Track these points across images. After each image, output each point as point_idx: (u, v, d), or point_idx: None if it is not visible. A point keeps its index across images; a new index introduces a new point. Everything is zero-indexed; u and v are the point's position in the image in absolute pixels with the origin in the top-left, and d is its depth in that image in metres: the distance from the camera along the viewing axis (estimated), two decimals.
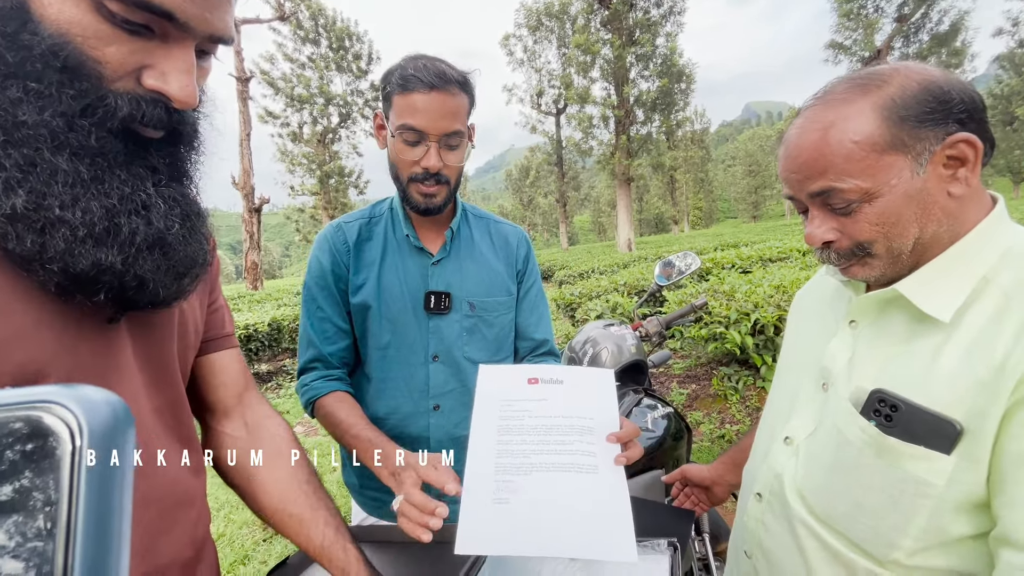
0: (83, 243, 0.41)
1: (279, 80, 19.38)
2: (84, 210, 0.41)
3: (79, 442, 0.16)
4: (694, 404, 3.66)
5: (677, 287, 4.85)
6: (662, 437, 1.42)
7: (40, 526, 0.16)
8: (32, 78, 0.39)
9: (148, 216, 0.45)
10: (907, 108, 0.56)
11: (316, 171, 20.06)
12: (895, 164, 0.57)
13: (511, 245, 1.13)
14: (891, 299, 0.64)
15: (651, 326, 1.68)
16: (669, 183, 50.38)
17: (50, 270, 0.41)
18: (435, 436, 1.05)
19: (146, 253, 0.45)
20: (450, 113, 0.90)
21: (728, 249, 9.23)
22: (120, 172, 0.43)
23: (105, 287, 0.44)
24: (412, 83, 0.87)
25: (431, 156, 0.91)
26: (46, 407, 0.17)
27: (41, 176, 0.39)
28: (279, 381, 5.53)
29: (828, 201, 0.61)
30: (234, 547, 2.48)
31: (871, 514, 0.61)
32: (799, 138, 0.62)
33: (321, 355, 1.02)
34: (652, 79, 19.57)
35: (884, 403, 0.60)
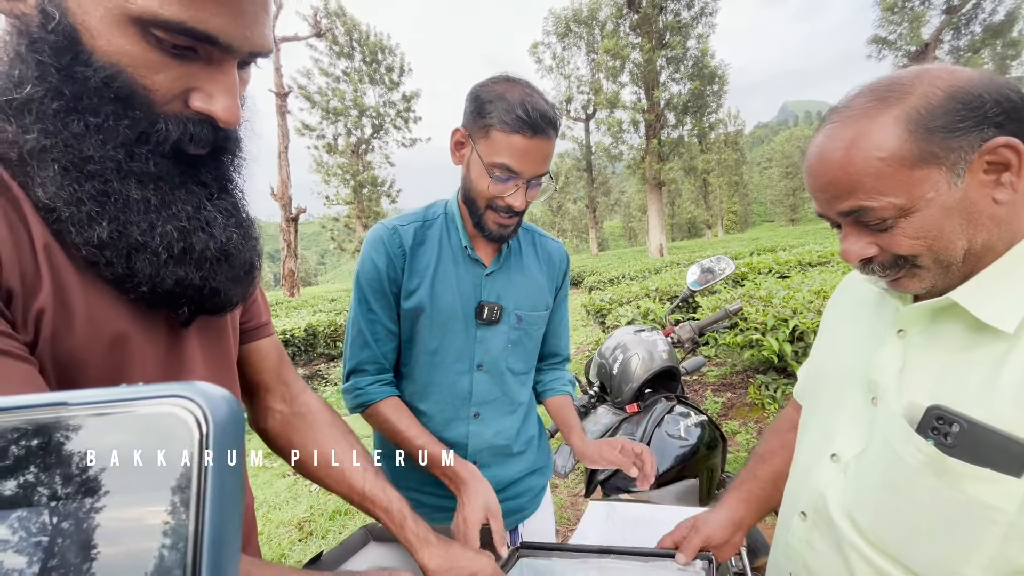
0: (166, 264, 0.45)
1: (315, 94, 20.10)
2: (162, 234, 0.45)
3: (205, 432, 0.18)
4: (729, 413, 3.55)
5: (711, 292, 4.73)
6: (695, 446, 1.39)
7: (173, 511, 0.18)
8: (90, 112, 0.41)
9: (212, 231, 0.48)
10: (934, 119, 0.52)
11: (350, 181, 20.64)
12: (928, 177, 0.53)
13: (555, 262, 1.15)
14: (944, 308, 0.59)
15: (683, 332, 1.64)
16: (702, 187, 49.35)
17: (141, 291, 0.46)
18: (473, 444, 1.06)
19: (216, 266, 0.49)
20: (545, 158, 0.91)
21: (764, 254, 8.95)
22: (180, 193, 0.47)
23: (187, 300, 0.48)
24: (518, 126, 0.86)
25: (519, 196, 0.92)
26: (175, 400, 0.19)
27: (117, 206, 0.43)
28: (314, 385, 5.67)
29: (861, 219, 0.58)
30: (271, 545, 2.55)
31: (929, 539, 0.57)
32: (822, 156, 0.58)
33: (375, 357, 1.02)
34: (683, 82, 19.28)
35: (943, 421, 0.55)
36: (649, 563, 0.84)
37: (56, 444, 0.18)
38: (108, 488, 0.18)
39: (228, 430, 0.19)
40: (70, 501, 0.18)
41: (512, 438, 1.09)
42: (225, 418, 0.19)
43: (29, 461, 0.18)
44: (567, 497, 2.79)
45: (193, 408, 0.19)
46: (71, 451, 0.18)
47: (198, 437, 0.18)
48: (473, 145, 0.93)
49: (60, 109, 0.41)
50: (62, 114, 0.41)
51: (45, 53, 0.40)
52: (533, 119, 0.86)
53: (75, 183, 0.42)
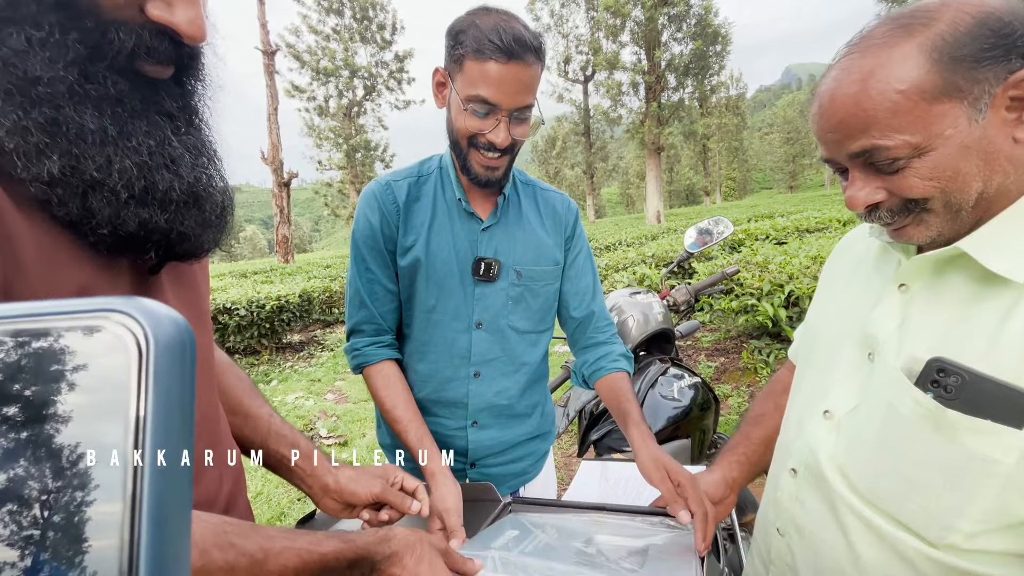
0: (127, 205, 0.41)
1: (304, 53, 19.35)
2: (120, 171, 0.40)
3: (145, 354, 0.16)
4: (722, 377, 3.60)
5: (707, 259, 4.71)
6: (688, 407, 1.39)
7: (103, 435, 0.15)
8: (30, 23, 0.36)
9: (178, 170, 0.44)
10: (960, 46, 0.49)
11: (343, 145, 20.15)
12: (949, 112, 0.50)
13: (559, 214, 1.09)
14: (951, 259, 0.57)
15: (679, 295, 1.63)
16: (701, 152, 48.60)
17: (101, 234, 0.41)
18: (474, 403, 1.04)
19: (184, 208, 0.45)
20: (526, 86, 0.85)
21: (762, 220, 8.89)
22: (141, 123, 0.42)
23: (154, 245, 0.44)
24: (489, 50, 0.81)
25: (500, 131, 0.86)
26: (109, 315, 0.16)
27: (69, 136, 0.38)
28: (310, 351, 5.70)
29: (871, 160, 0.54)
30: (271, 504, 2.61)
31: (924, 493, 0.56)
32: (834, 92, 0.54)
33: (373, 316, 1.01)
34: (685, 41, 18.67)
35: (944, 373, 0.53)
36: (641, 520, 0.84)
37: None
38: (23, 417, 0.16)
39: (174, 353, 0.16)
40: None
41: (514, 398, 1.06)
42: (171, 339, 0.16)
43: None
44: (561, 458, 2.85)
45: (132, 326, 0.16)
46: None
47: (137, 359, 0.16)
48: (451, 82, 0.87)
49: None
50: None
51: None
52: (506, 43, 0.80)
53: (20, 110, 0.37)
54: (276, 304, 5.36)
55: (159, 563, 0.15)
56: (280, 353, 5.60)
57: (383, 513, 0.77)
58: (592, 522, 0.84)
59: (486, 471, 1.07)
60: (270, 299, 5.33)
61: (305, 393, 4.28)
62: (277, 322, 5.43)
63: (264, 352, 5.48)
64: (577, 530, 0.81)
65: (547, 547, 0.76)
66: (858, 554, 0.62)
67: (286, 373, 4.95)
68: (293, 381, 4.67)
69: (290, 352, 5.67)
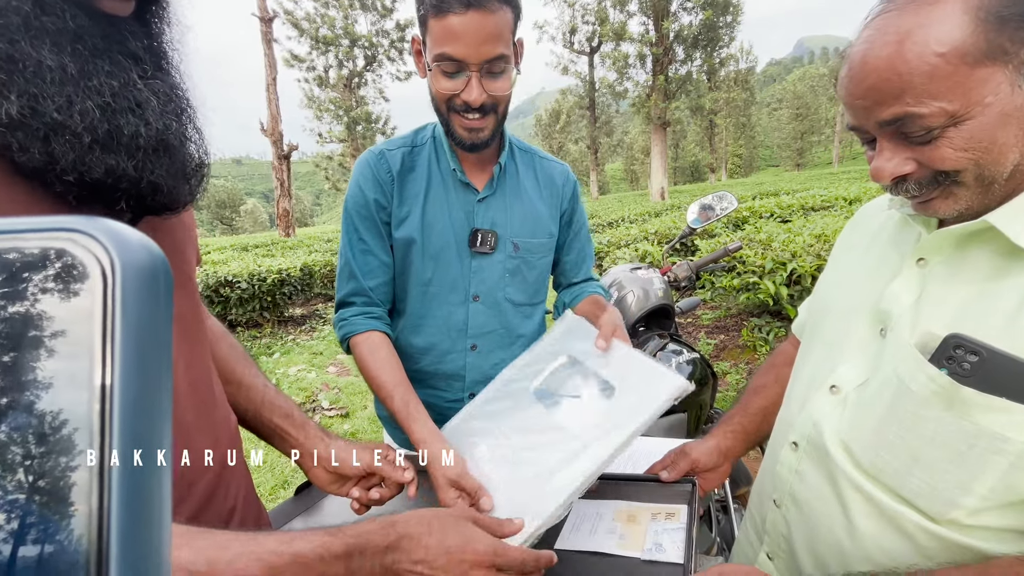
0: (91, 150, 0.39)
1: (303, 20, 18.82)
2: (81, 112, 0.38)
3: (111, 282, 0.13)
4: (721, 355, 3.62)
5: (710, 236, 4.68)
6: None
7: (64, 376, 0.13)
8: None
9: (144, 115, 0.41)
10: (1009, 4, 0.45)
11: (343, 117, 19.79)
12: (991, 78, 0.47)
13: (556, 185, 1.07)
14: (976, 233, 0.55)
15: (680, 271, 1.61)
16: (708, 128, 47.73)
17: (67, 181, 0.39)
18: (471, 376, 1.04)
19: (153, 156, 0.42)
20: (491, 36, 0.79)
21: (767, 198, 8.79)
22: (102, 63, 0.39)
23: (123, 194, 0.42)
24: (446, 3, 0.77)
25: (472, 88, 0.82)
26: (69, 236, 0.14)
27: (26, 75, 0.36)
28: (312, 324, 5.73)
29: (903, 129, 0.51)
30: (275, 473, 2.66)
31: (930, 469, 0.56)
32: (867, 54, 0.51)
33: (362, 288, 0.97)
34: (695, 11, 18.09)
35: (961, 349, 0.52)
36: (636, 485, 0.86)
37: None
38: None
39: (145, 282, 0.14)
40: None
41: None
42: (141, 266, 0.14)
43: None
44: None
45: (95, 248, 0.14)
46: None
47: (100, 287, 0.13)
48: (424, 49, 0.85)
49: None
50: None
51: None
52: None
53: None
54: (277, 278, 5.37)
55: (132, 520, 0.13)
56: (282, 326, 5.63)
57: (374, 492, 0.73)
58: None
59: None
60: (271, 272, 5.33)
61: (307, 366, 4.33)
62: (279, 295, 5.45)
63: (266, 325, 5.51)
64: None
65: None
66: (855, 527, 0.63)
67: (288, 346, 4.99)
68: (295, 354, 4.71)
69: (292, 325, 5.70)
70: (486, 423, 0.84)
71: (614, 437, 0.73)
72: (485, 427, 0.84)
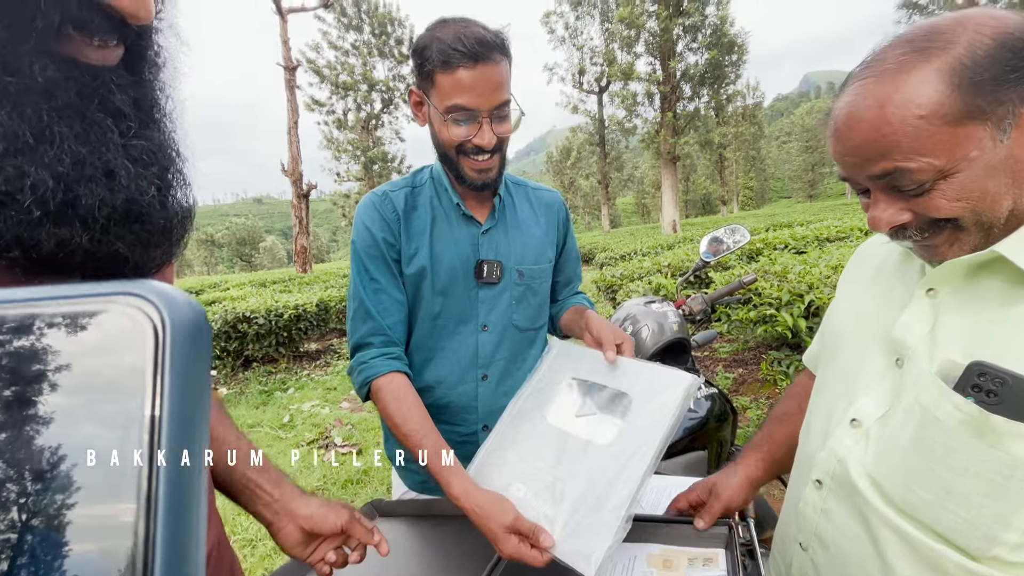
0: (40, 224, 0.34)
1: (324, 68, 19.81)
2: (33, 185, 0.33)
3: (162, 338, 0.16)
4: (740, 389, 3.53)
5: (724, 268, 4.65)
6: (705, 418, 1.37)
7: (122, 415, 0.16)
8: None
9: (112, 183, 0.37)
10: (981, 70, 0.48)
11: (360, 157, 20.50)
12: (972, 135, 0.49)
13: (553, 211, 1.12)
14: (985, 263, 0.56)
15: (695, 304, 1.60)
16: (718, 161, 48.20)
17: (12, 256, 0.35)
18: (483, 406, 1.05)
19: (118, 226, 0.38)
20: (498, 84, 0.86)
21: (781, 229, 8.75)
22: (72, 125, 0.35)
23: (78, 267, 0.37)
24: (455, 59, 0.82)
25: (485, 133, 0.88)
26: (125, 299, 0.16)
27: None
28: (327, 359, 5.76)
29: (895, 183, 0.53)
30: None
31: (966, 503, 0.54)
32: (850, 116, 0.53)
33: (380, 327, 0.96)
34: (701, 51, 18.61)
35: (986, 377, 0.52)
36: (668, 527, 0.83)
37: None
38: (40, 400, 0.16)
39: (190, 336, 0.16)
40: (6, 413, 0.16)
41: None
42: (187, 321, 0.17)
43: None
44: None
45: (148, 309, 0.16)
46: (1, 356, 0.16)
47: (152, 342, 0.16)
48: (427, 100, 0.89)
49: None
50: None
51: None
52: (470, 48, 0.81)
53: None
54: (294, 313, 5.44)
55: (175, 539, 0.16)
56: (297, 361, 5.66)
57: (353, 554, 0.71)
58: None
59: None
60: (288, 308, 5.41)
61: (321, 401, 4.32)
62: (295, 331, 5.51)
63: (282, 360, 5.55)
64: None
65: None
66: (891, 568, 0.60)
67: (303, 381, 5.00)
68: (309, 389, 4.71)
69: (307, 360, 5.73)
70: (511, 460, 0.82)
71: (648, 444, 0.73)
72: (512, 464, 0.82)
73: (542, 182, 1.21)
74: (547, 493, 0.75)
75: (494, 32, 0.86)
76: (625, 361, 0.86)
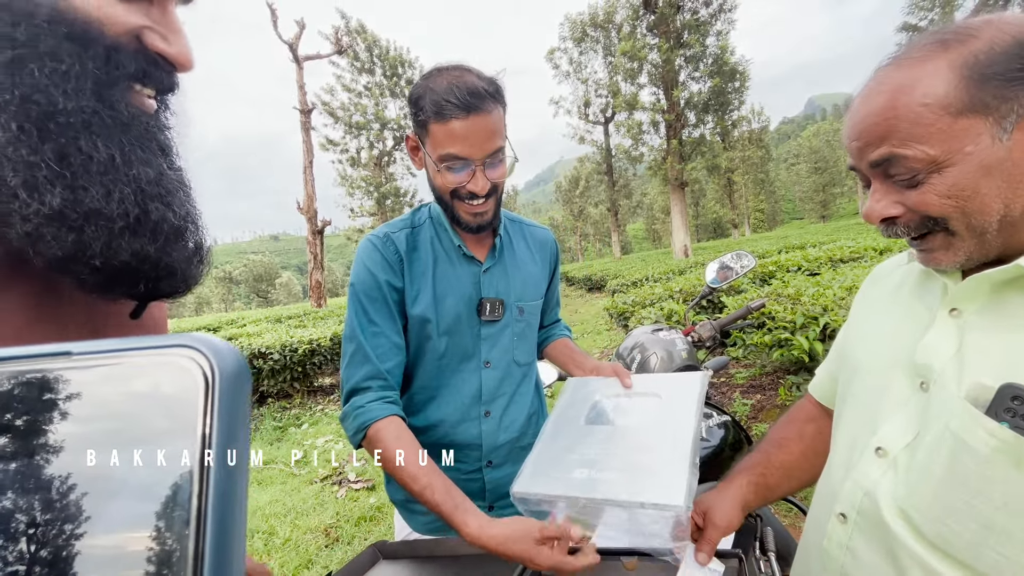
0: (121, 235, 0.40)
1: (338, 110, 20.60)
2: (119, 199, 0.39)
3: (211, 382, 0.19)
4: (759, 415, 3.44)
5: (736, 292, 4.61)
6: (718, 447, 1.34)
7: (179, 458, 0.19)
8: (50, 56, 0.36)
9: (170, 202, 0.43)
10: (994, 64, 0.49)
11: (373, 193, 21.02)
12: (971, 129, 0.50)
13: (547, 248, 1.16)
14: (1011, 279, 0.54)
15: (704, 330, 1.60)
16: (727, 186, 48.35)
17: (92, 266, 0.39)
18: (487, 443, 1.04)
19: (172, 240, 0.44)
20: (491, 133, 0.87)
21: (793, 251, 8.68)
22: (142, 152, 0.41)
23: (144, 278, 0.43)
24: (448, 110, 0.83)
25: (478, 180, 0.89)
26: (182, 350, 0.20)
27: (75, 168, 0.37)
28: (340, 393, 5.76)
29: (889, 171, 0.54)
30: (298, 551, 2.58)
31: (1007, 539, 0.50)
32: (864, 101, 0.55)
33: (378, 371, 0.93)
34: (703, 80, 18.98)
35: (1020, 400, 0.49)
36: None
37: (63, 393, 0.20)
38: (111, 437, 0.19)
39: (235, 380, 0.20)
40: (80, 448, 0.19)
41: (520, 429, 1.09)
42: (232, 369, 0.20)
43: (34, 410, 0.19)
44: None
45: (199, 358, 0.20)
46: (79, 400, 0.20)
47: (203, 387, 0.19)
48: (423, 146, 0.91)
49: (14, 57, 0.35)
50: (16, 63, 0.35)
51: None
52: (462, 99, 0.83)
53: (33, 144, 0.36)
54: (308, 348, 5.49)
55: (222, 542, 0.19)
56: (311, 396, 5.68)
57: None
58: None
59: (504, 513, 1.05)
60: (302, 343, 5.47)
61: (335, 436, 4.30)
62: (309, 365, 5.54)
63: (296, 396, 5.57)
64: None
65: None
66: None
67: (317, 416, 5.00)
68: (323, 424, 4.71)
69: (321, 395, 5.75)
70: (564, 456, 0.83)
71: (689, 412, 0.82)
72: (566, 458, 0.82)
73: (552, 211, 1.27)
74: (609, 466, 0.78)
75: (487, 80, 0.88)
76: (638, 379, 0.93)
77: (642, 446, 0.80)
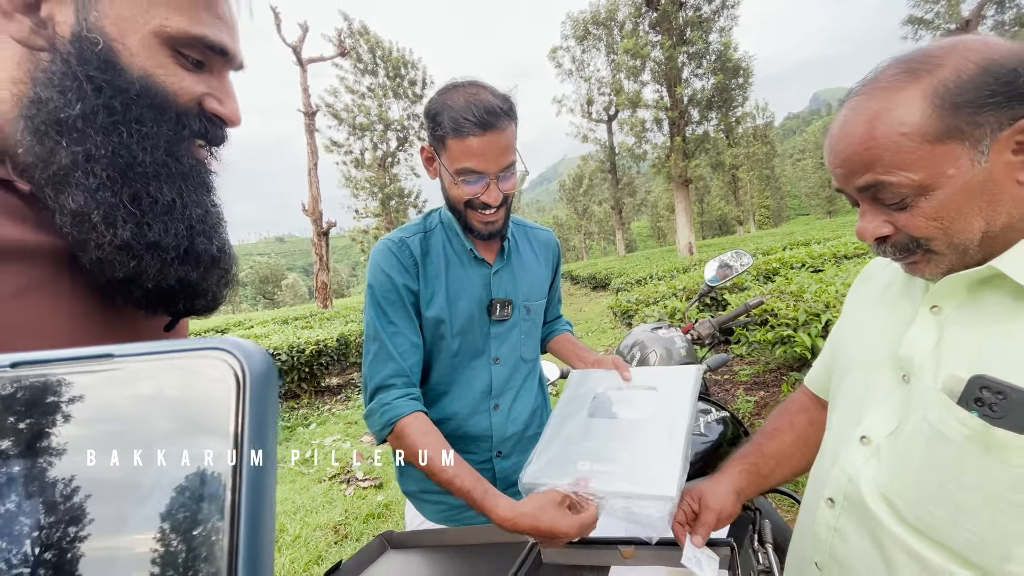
0: (171, 264, 0.48)
1: (342, 111, 20.68)
2: (175, 234, 0.48)
3: (243, 382, 0.21)
4: (763, 412, 3.46)
5: (740, 289, 4.63)
6: (717, 442, 1.37)
7: (215, 455, 0.21)
8: (136, 121, 0.45)
9: (212, 235, 0.51)
10: (963, 93, 0.52)
11: (378, 194, 21.11)
12: (950, 153, 0.52)
13: (550, 250, 1.22)
14: (985, 279, 0.57)
15: (703, 328, 1.63)
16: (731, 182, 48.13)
17: (145, 288, 0.47)
18: (496, 434, 1.11)
19: (211, 268, 0.51)
20: (505, 149, 0.92)
21: (798, 248, 8.66)
22: (195, 195, 0.50)
23: (183, 299, 0.51)
24: (466, 127, 0.88)
25: (492, 192, 0.94)
26: (216, 353, 0.22)
27: (143, 207, 0.46)
28: (347, 394, 5.82)
29: (878, 195, 0.57)
30: (309, 548, 2.64)
31: (978, 520, 0.54)
32: (842, 129, 0.58)
33: (402, 369, 0.98)
34: (706, 77, 18.91)
35: (988, 390, 0.52)
36: (672, 550, 0.84)
37: (106, 392, 0.21)
38: (149, 434, 0.21)
39: (264, 380, 0.22)
40: (120, 447, 0.21)
41: (526, 421, 1.15)
42: (261, 370, 0.22)
43: (79, 408, 0.21)
44: None
45: (231, 360, 0.21)
46: (121, 398, 0.21)
47: (235, 388, 0.21)
48: (438, 158, 0.96)
49: (110, 122, 0.44)
50: (112, 126, 0.44)
51: (93, 72, 0.43)
52: (479, 118, 0.88)
53: (115, 188, 0.44)
54: (315, 348, 5.55)
55: (254, 530, 0.21)
56: (319, 396, 5.74)
57: None
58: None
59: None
60: (309, 344, 5.53)
61: (342, 436, 4.36)
62: (316, 366, 5.61)
63: (303, 396, 5.63)
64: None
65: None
66: None
67: (324, 416, 5.06)
68: (331, 424, 4.77)
69: (328, 395, 5.81)
70: (567, 449, 0.89)
71: (683, 407, 0.87)
72: (570, 451, 0.88)
73: (556, 210, 1.32)
74: (609, 457, 0.84)
75: (502, 97, 0.92)
76: (637, 371, 0.99)
77: (640, 438, 0.85)
